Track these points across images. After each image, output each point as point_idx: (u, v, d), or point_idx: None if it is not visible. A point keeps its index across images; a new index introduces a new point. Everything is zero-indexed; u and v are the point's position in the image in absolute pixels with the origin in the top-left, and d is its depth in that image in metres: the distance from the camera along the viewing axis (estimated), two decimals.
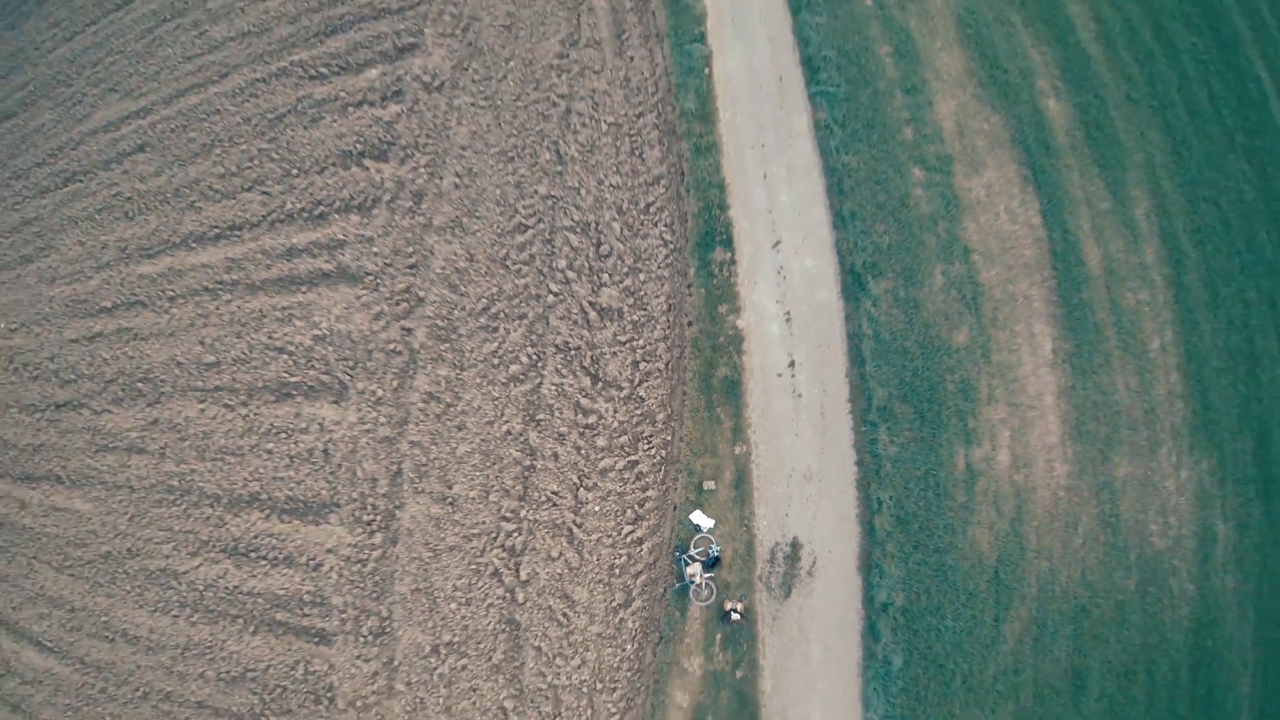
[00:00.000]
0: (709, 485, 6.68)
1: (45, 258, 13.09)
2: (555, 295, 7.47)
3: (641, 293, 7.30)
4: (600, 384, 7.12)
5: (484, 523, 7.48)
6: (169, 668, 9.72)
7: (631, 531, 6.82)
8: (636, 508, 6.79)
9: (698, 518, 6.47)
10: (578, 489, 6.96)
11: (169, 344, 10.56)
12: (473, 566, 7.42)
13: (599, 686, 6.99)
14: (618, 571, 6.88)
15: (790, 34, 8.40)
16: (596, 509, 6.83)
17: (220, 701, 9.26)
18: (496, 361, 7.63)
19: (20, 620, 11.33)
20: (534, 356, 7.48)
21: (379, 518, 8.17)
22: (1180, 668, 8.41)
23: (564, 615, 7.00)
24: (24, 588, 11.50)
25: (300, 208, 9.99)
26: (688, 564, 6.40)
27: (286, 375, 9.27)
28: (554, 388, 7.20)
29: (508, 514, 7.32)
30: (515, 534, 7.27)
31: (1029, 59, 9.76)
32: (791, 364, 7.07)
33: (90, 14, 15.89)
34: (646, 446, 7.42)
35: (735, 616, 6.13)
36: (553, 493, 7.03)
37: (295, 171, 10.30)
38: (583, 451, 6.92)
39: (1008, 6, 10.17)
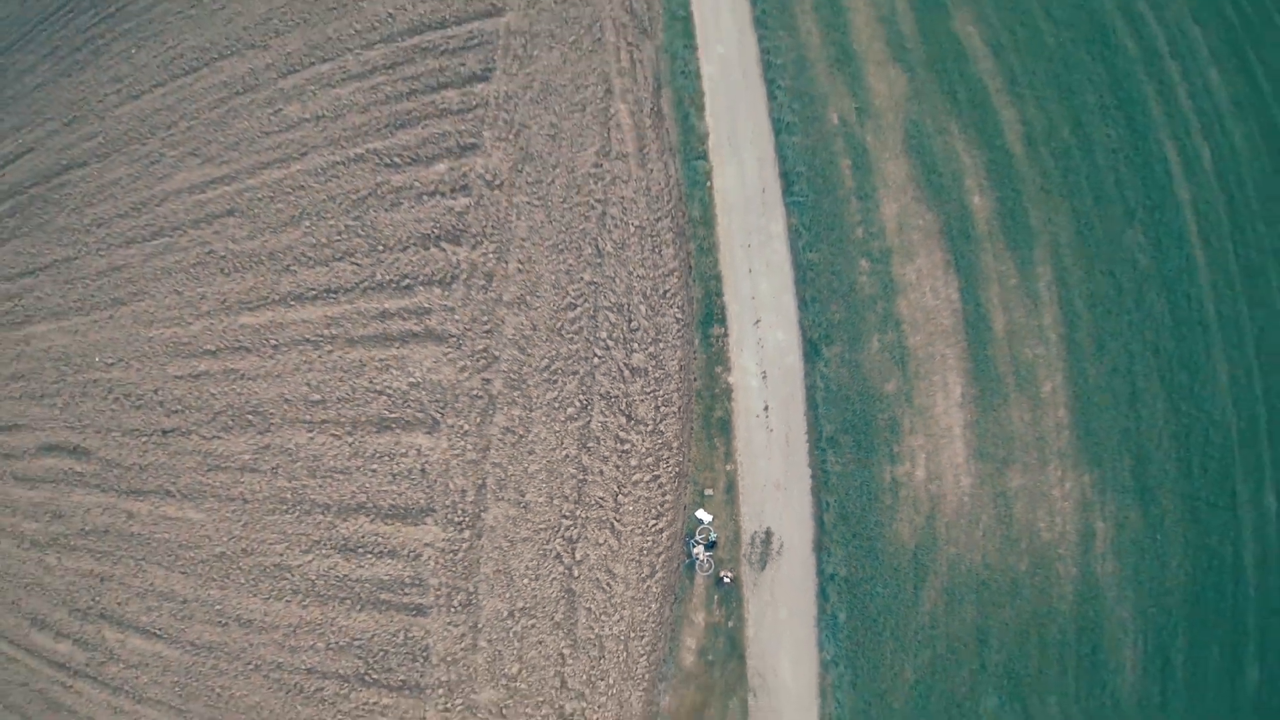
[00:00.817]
0: (709, 492, 12.28)
1: (139, 302, 18.85)
2: (599, 357, 13.00)
3: (661, 357, 12.83)
4: (632, 421, 12.71)
5: (549, 520, 12.93)
6: (280, 643, 15.23)
7: (655, 525, 12.29)
8: (658, 508, 12.32)
9: (701, 514, 12.12)
10: (617, 495, 12.49)
11: (276, 384, 16.04)
12: (541, 551, 12.84)
13: (632, 635, 12.47)
14: (645, 553, 12.38)
15: (773, 152, 13.82)
16: (630, 509, 12.38)
17: (328, 667, 14.71)
18: (557, 405, 13.13)
19: (126, 614, 17.01)
20: (584, 401, 13.00)
21: (467, 519, 13.51)
22: (1067, 631, 13.89)
23: (607, 584, 12.46)
24: (131, 586, 17.19)
25: (388, 279, 15.39)
26: (694, 546, 11.98)
27: (386, 412, 14.62)
28: (600, 424, 12.75)
29: (566, 514, 12.83)
30: (572, 528, 12.74)
31: (961, 162, 15.16)
32: (766, 408, 12.71)
33: (155, 76, 21.79)
34: (665, 465, 12.98)
35: (726, 581, 11.71)
36: (599, 498, 12.58)
37: (381, 247, 15.68)
38: (620, 469, 12.48)
39: (947, 116, 15.61)
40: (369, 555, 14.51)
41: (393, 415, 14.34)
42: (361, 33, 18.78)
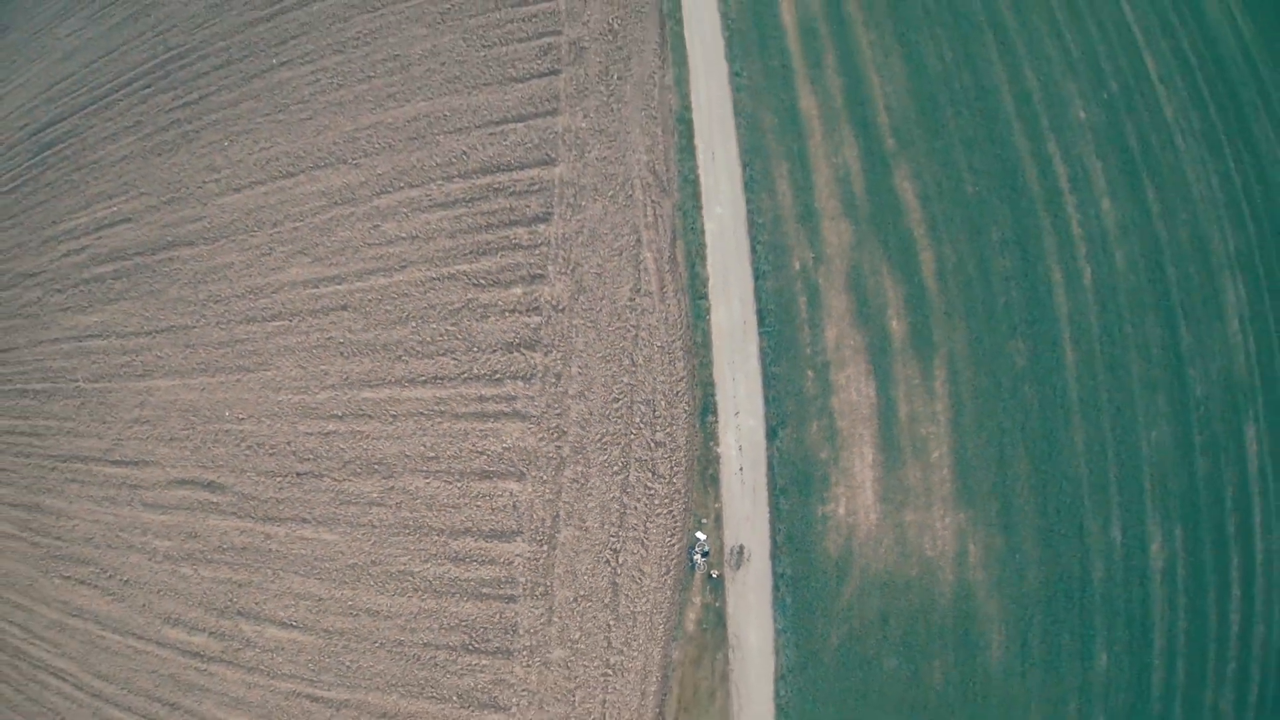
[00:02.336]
0: (704, 521, 28.81)
1: (264, 371, 35.80)
2: (634, 434, 29.38)
3: (674, 435, 29.21)
4: (656, 476, 29.27)
5: (601, 538, 29.55)
6: (403, 626, 32.22)
7: (670, 541, 28.78)
8: (672, 530, 28.76)
9: (699, 534, 28.65)
10: (646, 522, 28.98)
11: (396, 444, 32.80)
12: (595, 558, 29.45)
13: (654, 612, 29.20)
14: (663, 559, 28.93)
15: (752, 293, 30.15)
16: (654, 531, 28.81)
17: (440, 641, 31.65)
18: (606, 465, 29.63)
19: (264, 610, 34.23)
20: (624, 462, 29.51)
21: (545, 538, 30.02)
22: (947, 618, 30.50)
23: (638, 579, 29.05)
24: (268, 589, 34.42)
25: (483, 373, 31.78)
26: (694, 555, 28.50)
27: (486, 466, 31.09)
28: (635, 478, 29.22)
29: (612, 534, 29.39)
30: (616, 543, 29.33)
31: (886, 295, 31.36)
32: (741, 468, 29.10)
33: (254, 173, 38.70)
34: (676, 504, 29.63)
35: (715, 576, 28.20)
36: (634, 524, 29.04)
37: (475, 348, 32.04)
38: (648, 506, 28.92)
39: (880, 259, 31.88)
40: (474, 563, 31.12)
41: (491, 468, 30.78)
42: (441, 165, 35.38)
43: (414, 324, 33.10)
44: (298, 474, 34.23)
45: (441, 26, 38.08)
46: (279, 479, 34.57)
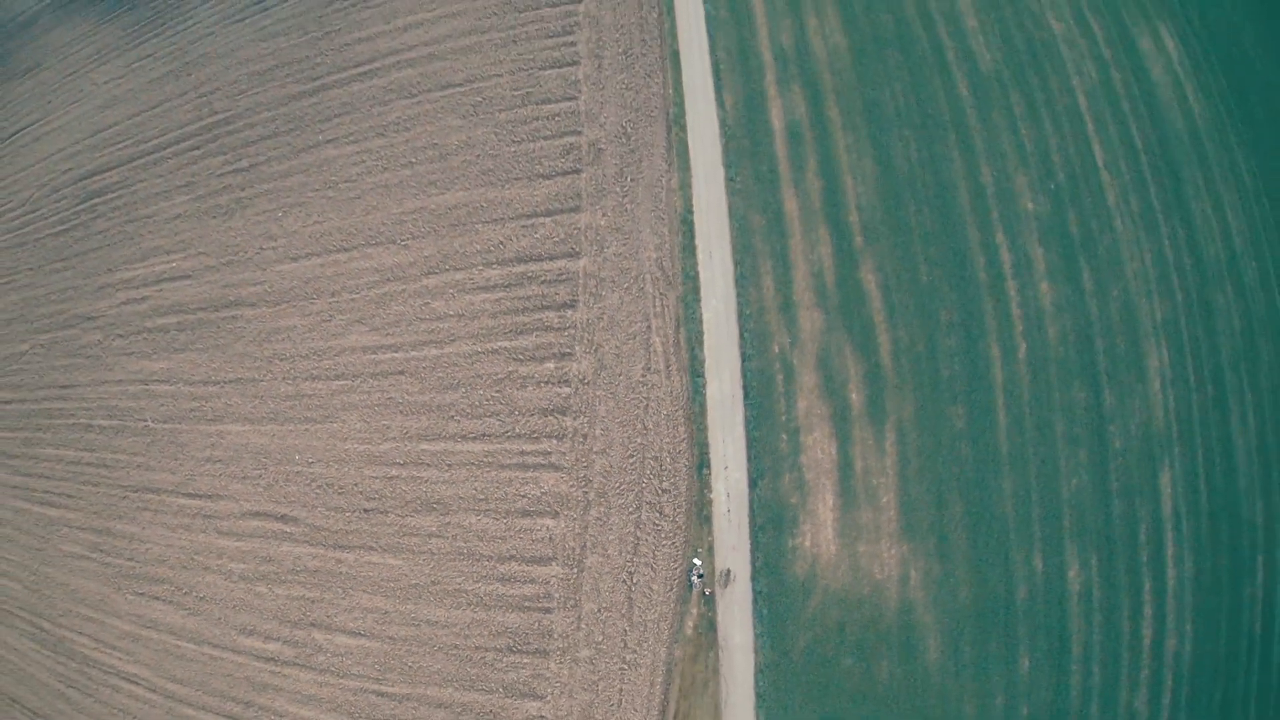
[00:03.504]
0: (699, 550, 50.75)
1: (330, 423, 57.82)
2: (646, 483, 50.90)
3: (677, 484, 50.70)
4: (663, 516, 51.01)
5: (619, 564, 51.44)
6: (458, 633, 54.58)
7: (673, 565, 50.50)
8: (675, 557, 50.39)
9: (695, 560, 50.57)
10: (654, 550, 50.76)
11: (452, 488, 54.66)
12: (615, 579, 51.36)
13: (661, 620, 51.28)
14: (668, 579, 50.80)
15: (739, 373, 51.39)
16: (661, 558, 50.47)
17: (489, 644, 54.01)
18: (624, 506, 51.31)
19: (335, 621, 56.77)
20: (637, 504, 51.12)
21: (575, 562, 51.74)
22: (892, 627, 52.47)
23: (648, 594, 50.98)
24: (340, 605, 56.96)
25: (523, 432, 53.17)
26: (692, 576, 50.52)
27: (527, 507, 52.69)
28: (646, 517, 50.81)
29: (629, 560, 51.21)
30: (631, 567, 51.19)
31: (848, 372, 52.48)
32: (729, 510, 50.59)
33: (310, 246, 60.58)
34: (678, 537, 51.64)
35: (707, 593, 50.07)
36: (646, 552, 50.81)
37: (517, 412, 53.38)
38: (656, 538, 50.56)
39: (845, 341, 53.04)
40: (517, 583, 52.96)
41: (531, 508, 52.31)
42: (481, 253, 56.57)
43: (464, 389, 54.54)
44: (365, 510, 56.11)
45: (475, 119, 58.83)
46: (348, 514, 56.49)
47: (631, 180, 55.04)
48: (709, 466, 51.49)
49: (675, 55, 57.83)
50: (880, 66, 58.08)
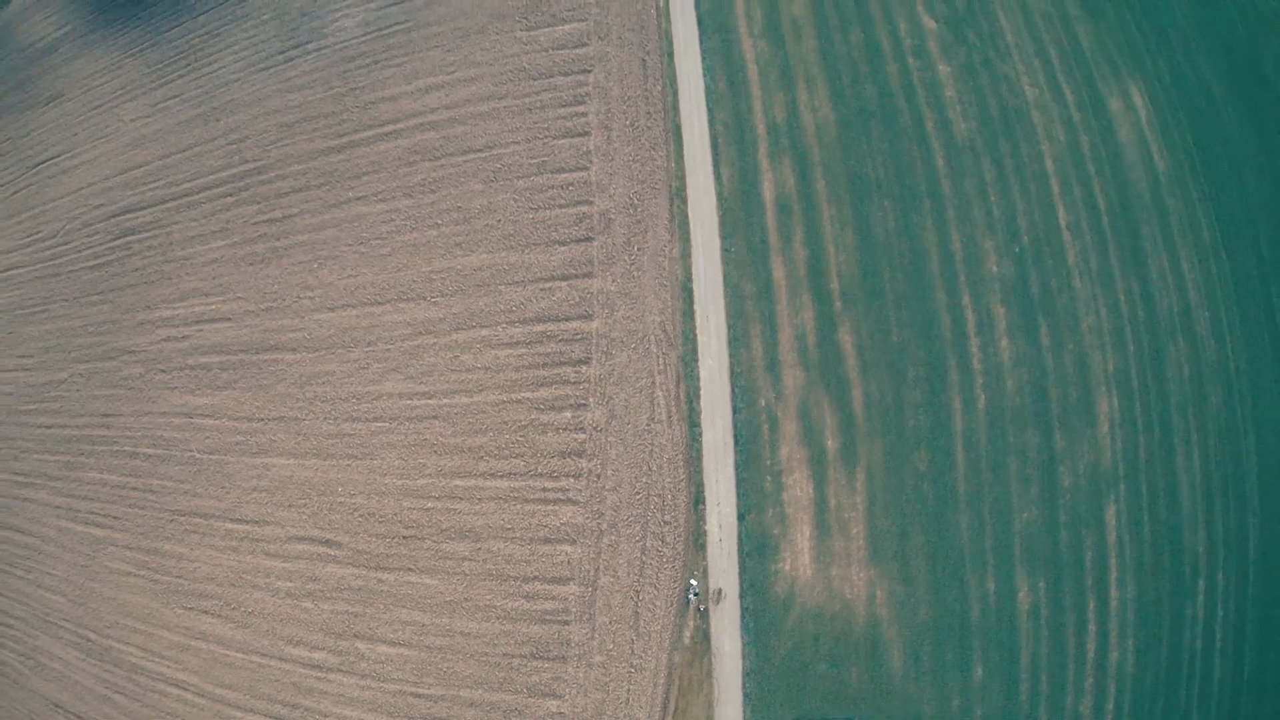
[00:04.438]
0: (696, 573, 77.19)
1: (369, 460, 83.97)
2: (650, 515, 76.61)
3: (677, 518, 76.36)
4: (665, 544, 77.19)
5: (628, 583, 77.55)
6: (488, 641, 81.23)
7: (673, 585, 76.58)
8: (674, 579, 76.38)
9: (692, 581, 76.92)
10: (658, 572, 76.87)
11: (482, 518, 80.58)
12: (624, 595, 77.53)
13: (663, 631, 77.67)
14: (669, 597, 76.87)
15: (730, 423, 76.57)
16: (664, 579, 76.45)
17: (516, 651, 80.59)
18: (631, 535, 77.17)
19: (377, 633, 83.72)
20: (643, 533, 76.98)
21: (590, 582, 77.63)
22: (861, 639, 78.73)
23: (652, 609, 77.29)
24: (381, 618, 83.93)
25: (545, 471, 78.53)
26: (689, 595, 76.99)
27: (549, 535, 78.38)
28: (651, 545, 76.80)
29: (635, 580, 77.33)
30: (638, 586, 77.44)
31: (825, 423, 77.48)
32: (720, 539, 76.43)
33: (346, 298, 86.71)
34: (678, 561, 77.96)
35: (703, 608, 76.56)
36: (650, 574, 76.95)
37: (539, 455, 78.62)
38: (659, 562, 76.50)
39: (822, 396, 78.04)
40: (540, 599, 78.96)
41: (552, 537, 77.85)
42: (505, 312, 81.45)
43: (491, 434, 79.83)
44: (404, 537, 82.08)
45: (495, 184, 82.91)
46: (388, 540, 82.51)
47: (638, 250, 79.55)
48: (704, 502, 77.17)
49: (677, 129, 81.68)
50: (864, 139, 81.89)
